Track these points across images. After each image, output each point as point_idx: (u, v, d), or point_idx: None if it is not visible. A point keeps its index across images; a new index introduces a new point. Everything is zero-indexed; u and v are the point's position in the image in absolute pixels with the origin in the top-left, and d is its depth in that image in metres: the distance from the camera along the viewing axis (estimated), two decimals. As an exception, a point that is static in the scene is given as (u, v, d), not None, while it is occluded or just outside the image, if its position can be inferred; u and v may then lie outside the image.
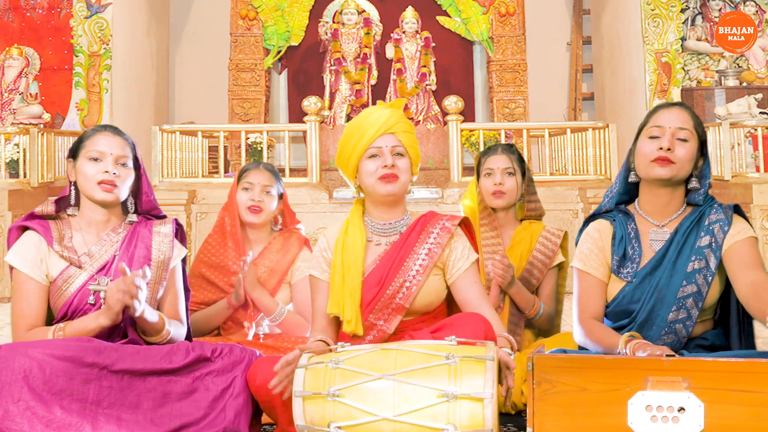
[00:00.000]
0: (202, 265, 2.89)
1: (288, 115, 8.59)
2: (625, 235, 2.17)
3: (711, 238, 2.10)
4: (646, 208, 2.20)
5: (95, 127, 2.30)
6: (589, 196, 5.89)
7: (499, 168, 2.86)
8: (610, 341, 2.03)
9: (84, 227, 2.24)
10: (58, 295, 2.17)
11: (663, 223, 2.17)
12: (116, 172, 2.19)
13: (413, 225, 2.24)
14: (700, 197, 2.16)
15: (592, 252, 2.19)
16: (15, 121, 6.94)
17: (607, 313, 2.17)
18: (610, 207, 2.24)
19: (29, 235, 2.21)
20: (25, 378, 1.91)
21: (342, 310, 2.16)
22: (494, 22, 8.12)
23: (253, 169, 2.90)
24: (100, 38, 7.03)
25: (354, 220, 2.27)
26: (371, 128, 2.19)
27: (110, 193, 2.19)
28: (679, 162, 2.11)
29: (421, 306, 2.20)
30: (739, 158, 5.81)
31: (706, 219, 2.12)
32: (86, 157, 2.20)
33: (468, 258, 2.22)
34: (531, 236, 2.87)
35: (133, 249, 2.24)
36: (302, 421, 1.79)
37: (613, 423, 1.69)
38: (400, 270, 2.18)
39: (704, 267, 2.08)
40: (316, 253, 2.30)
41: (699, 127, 2.17)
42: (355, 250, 2.20)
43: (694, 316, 2.08)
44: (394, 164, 2.17)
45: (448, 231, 2.21)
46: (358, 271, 2.18)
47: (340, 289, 2.17)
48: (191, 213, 6.01)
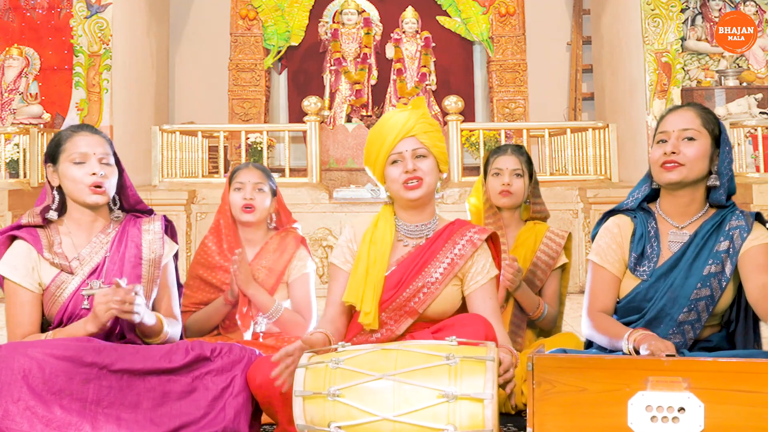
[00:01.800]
0: (199, 267, 2.89)
1: (288, 115, 8.58)
2: (645, 233, 2.17)
3: (729, 244, 2.09)
4: (667, 209, 2.19)
5: (70, 128, 2.24)
6: (589, 196, 5.89)
7: (508, 168, 2.86)
8: (616, 332, 2.03)
9: (72, 230, 2.22)
10: (52, 302, 2.16)
11: (683, 225, 2.16)
12: (103, 172, 2.16)
13: (440, 231, 2.23)
14: (722, 196, 2.13)
15: (609, 247, 2.19)
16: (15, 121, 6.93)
17: (617, 308, 2.17)
18: (632, 206, 2.23)
19: (18, 244, 2.19)
20: (25, 378, 1.91)
21: (361, 301, 2.14)
22: (494, 22, 8.12)
23: (243, 168, 2.90)
24: (100, 38, 7.02)
25: (385, 215, 2.26)
26: (390, 134, 2.18)
27: (102, 195, 2.17)
28: (688, 162, 2.09)
29: (434, 314, 2.19)
30: (739, 158, 5.81)
31: (727, 224, 2.11)
32: (69, 161, 2.17)
33: (488, 273, 2.21)
34: (535, 237, 2.87)
35: (123, 249, 2.23)
36: (302, 420, 1.79)
37: (613, 423, 1.69)
38: (420, 275, 2.17)
39: (720, 272, 2.08)
40: (341, 242, 2.29)
41: (709, 123, 2.13)
42: (384, 244, 2.19)
43: (703, 319, 2.08)
44: (416, 168, 2.16)
45: (473, 244, 2.20)
46: (383, 265, 2.17)
47: (362, 280, 2.16)
48: (191, 213, 6.01)
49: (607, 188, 5.99)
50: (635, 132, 6.83)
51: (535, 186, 2.94)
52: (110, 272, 2.19)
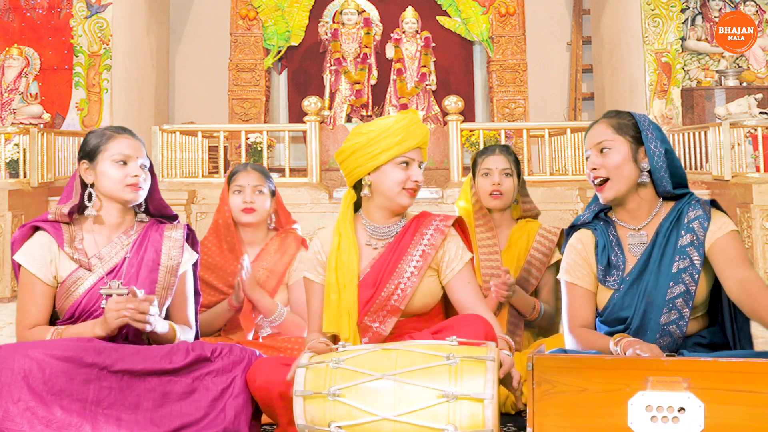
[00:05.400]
0: (201, 269, 2.88)
1: (288, 115, 8.59)
2: (607, 243, 2.17)
3: (692, 236, 2.09)
4: (621, 216, 2.20)
5: (112, 129, 2.29)
6: (589, 196, 5.89)
7: (498, 168, 2.86)
8: (601, 344, 2.04)
9: (96, 229, 2.24)
10: (66, 296, 2.17)
11: (639, 226, 2.16)
12: (144, 176, 2.23)
13: (407, 226, 2.25)
14: (667, 186, 2.13)
15: (576, 263, 2.19)
16: (15, 121, 6.94)
17: (602, 321, 2.17)
18: (588, 219, 2.24)
19: (40, 235, 2.21)
20: (25, 378, 1.91)
21: (339, 329, 2.16)
22: (494, 22, 8.13)
23: (242, 171, 2.90)
24: (100, 38, 7.03)
25: (345, 231, 2.22)
26: (414, 138, 2.20)
27: (137, 192, 2.21)
28: (612, 173, 2.11)
29: (417, 307, 2.20)
30: (739, 158, 5.81)
31: (685, 217, 2.11)
32: (111, 160, 2.21)
33: (462, 258, 2.22)
34: (528, 235, 2.87)
35: (143, 253, 2.24)
36: (303, 420, 1.79)
37: (613, 423, 1.69)
38: (394, 272, 2.18)
39: (689, 266, 2.08)
40: (310, 255, 2.30)
41: (621, 128, 2.14)
42: (350, 266, 2.18)
43: (686, 315, 2.08)
44: (419, 179, 2.22)
45: (441, 232, 2.21)
46: (353, 289, 2.17)
47: (336, 308, 2.17)
48: (191, 213, 6.02)
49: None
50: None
51: (523, 185, 2.95)
52: (128, 274, 2.20)
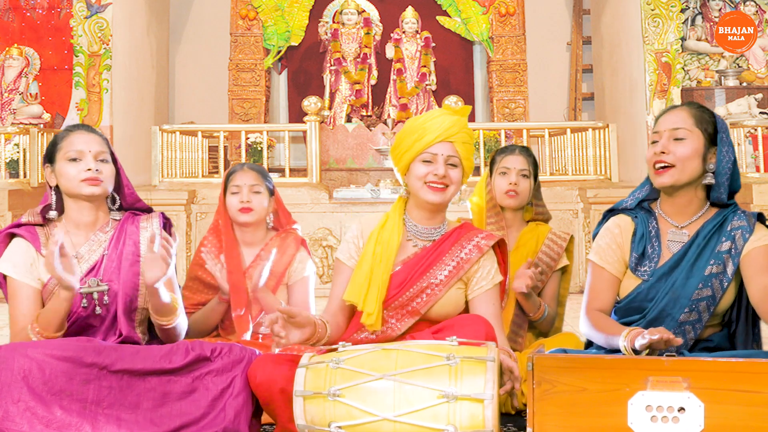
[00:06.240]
0: (197, 268, 2.88)
1: (288, 115, 8.58)
2: (646, 233, 2.16)
3: (731, 244, 2.08)
4: (666, 209, 2.18)
5: (67, 128, 2.27)
6: (589, 196, 5.89)
7: (516, 168, 2.86)
8: (613, 332, 2.03)
9: (71, 229, 2.23)
10: (50, 298, 2.16)
11: (683, 224, 2.15)
12: (98, 169, 2.18)
13: (448, 234, 2.24)
14: (723, 195, 2.11)
15: (609, 247, 2.18)
16: (15, 121, 6.93)
17: (618, 308, 2.16)
18: (630, 206, 2.22)
19: (17, 242, 2.21)
20: (25, 378, 1.91)
21: (363, 301, 2.14)
22: (494, 22, 8.12)
23: (239, 171, 2.89)
24: (100, 38, 7.02)
25: (393, 216, 2.25)
26: (431, 132, 2.17)
27: (97, 186, 2.18)
28: (678, 162, 2.08)
29: (436, 315, 2.19)
30: (739, 158, 5.81)
31: (729, 224, 2.11)
32: (65, 159, 2.18)
33: (493, 279, 2.22)
34: (537, 238, 2.87)
35: (121, 247, 2.23)
36: (303, 420, 1.79)
37: (613, 423, 1.69)
38: (424, 275, 2.18)
39: (722, 272, 2.08)
40: (348, 238, 2.29)
41: (702, 122, 2.10)
42: (390, 245, 2.19)
43: (704, 319, 2.08)
44: (446, 174, 2.17)
45: (480, 249, 2.21)
46: (388, 266, 2.17)
47: (365, 279, 2.15)
48: (191, 213, 6.01)
49: (607, 188, 5.99)
50: (635, 132, 6.83)
51: (538, 189, 2.94)
52: (108, 270, 2.20)
